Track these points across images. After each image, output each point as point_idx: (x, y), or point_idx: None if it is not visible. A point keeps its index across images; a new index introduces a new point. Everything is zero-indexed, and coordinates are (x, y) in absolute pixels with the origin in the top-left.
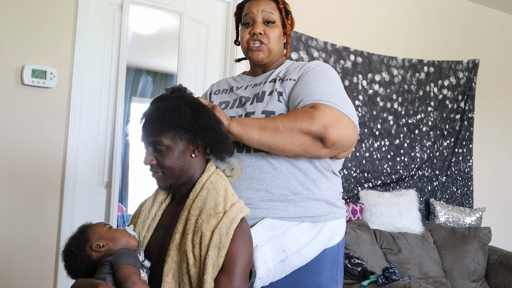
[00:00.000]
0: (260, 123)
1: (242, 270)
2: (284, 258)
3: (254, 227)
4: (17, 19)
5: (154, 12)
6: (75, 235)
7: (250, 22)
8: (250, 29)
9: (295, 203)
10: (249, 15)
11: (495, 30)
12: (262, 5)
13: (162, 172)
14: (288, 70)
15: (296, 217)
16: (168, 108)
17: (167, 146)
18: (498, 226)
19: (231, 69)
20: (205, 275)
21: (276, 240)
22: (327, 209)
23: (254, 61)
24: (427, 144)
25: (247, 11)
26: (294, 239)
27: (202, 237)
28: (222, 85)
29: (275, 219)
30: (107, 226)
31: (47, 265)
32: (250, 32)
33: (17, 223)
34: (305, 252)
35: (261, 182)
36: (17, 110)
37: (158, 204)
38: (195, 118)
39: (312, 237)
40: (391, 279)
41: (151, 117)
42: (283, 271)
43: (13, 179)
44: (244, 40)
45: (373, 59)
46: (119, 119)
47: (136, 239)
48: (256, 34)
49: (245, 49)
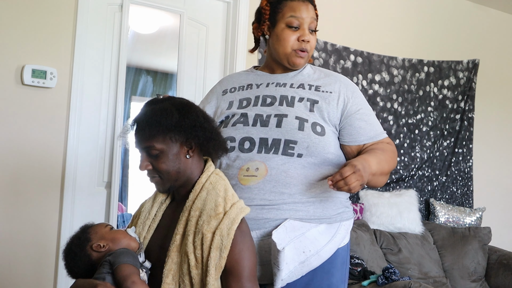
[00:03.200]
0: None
1: (249, 271)
2: (304, 260)
3: (278, 228)
4: (17, 19)
5: (154, 12)
6: (76, 235)
7: (297, 26)
8: (299, 34)
9: (314, 204)
10: (297, 18)
11: (495, 30)
12: (310, 11)
13: (159, 176)
14: (317, 78)
15: (316, 218)
16: (156, 111)
17: (160, 150)
18: (498, 226)
19: (231, 69)
20: (208, 276)
21: (297, 242)
22: (341, 209)
23: (291, 66)
24: (427, 144)
25: (295, 13)
26: (313, 241)
27: (203, 238)
28: (236, 82)
29: (296, 220)
30: (109, 227)
31: (47, 265)
32: (299, 39)
33: (17, 223)
34: (323, 253)
35: (286, 186)
36: (17, 110)
37: (158, 204)
38: (182, 118)
39: (329, 238)
40: (391, 279)
41: (141, 122)
42: (301, 272)
43: (13, 179)
44: (288, 43)
45: (373, 59)
46: (119, 119)
47: (137, 241)
48: (306, 42)
49: (287, 53)
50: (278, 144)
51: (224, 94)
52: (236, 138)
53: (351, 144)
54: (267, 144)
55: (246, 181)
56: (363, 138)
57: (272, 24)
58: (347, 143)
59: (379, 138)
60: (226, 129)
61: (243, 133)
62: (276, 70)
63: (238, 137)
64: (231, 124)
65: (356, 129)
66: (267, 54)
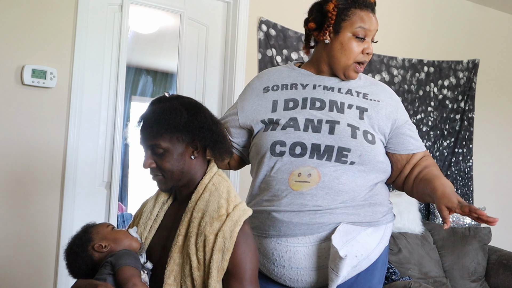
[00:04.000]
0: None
1: (251, 273)
2: (356, 264)
3: (335, 234)
4: (17, 19)
5: (154, 12)
6: (78, 235)
7: (363, 37)
8: (364, 46)
9: (364, 208)
10: (365, 29)
11: (495, 30)
12: (375, 23)
13: (162, 175)
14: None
15: (366, 222)
16: (164, 110)
17: (166, 148)
18: (498, 226)
19: (231, 69)
20: (210, 279)
21: (349, 246)
22: (387, 212)
23: (345, 78)
24: (427, 144)
25: (365, 24)
26: (364, 244)
27: (206, 240)
28: (278, 79)
29: (349, 223)
30: (110, 227)
31: (47, 265)
32: (364, 51)
33: (17, 222)
34: (372, 256)
35: (339, 194)
36: (17, 110)
37: (160, 205)
38: (191, 119)
39: (378, 241)
40: (391, 279)
41: (148, 120)
42: (350, 275)
43: (13, 179)
44: (353, 55)
45: (373, 59)
46: (119, 119)
47: (139, 241)
48: (370, 54)
49: (349, 64)
50: (331, 151)
51: (266, 92)
52: (286, 143)
53: (402, 153)
54: (320, 150)
55: (299, 187)
56: (413, 147)
57: (336, 31)
58: (398, 151)
59: (423, 149)
60: (275, 133)
61: (294, 138)
62: (323, 72)
63: (289, 142)
64: (280, 128)
65: (407, 138)
66: (318, 55)
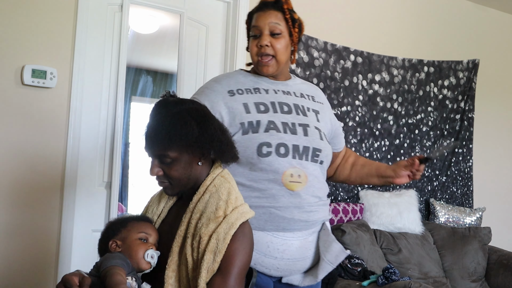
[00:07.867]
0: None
1: (238, 271)
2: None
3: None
4: (17, 19)
5: (154, 12)
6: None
7: (258, 34)
8: (257, 41)
9: (326, 205)
10: (256, 27)
11: (495, 30)
12: (268, 17)
13: (169, 182)
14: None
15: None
16: (174, 122)
17: (174, 158)
18: (498, 226)
19: (231, 69)
20: (199, 279)
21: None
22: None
23: (264, 75)
24: (427, 144)
25: (254, 23)
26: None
27: (200, 241)
28: (240, 84)
29: (326, 221)
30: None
31: (47, 265)
32: (257, 45)
33: (17, 222)
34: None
35: (319, 191)
36: (17, 110)
37: (165, 200)
38: (201, 132)
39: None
40: (391, 279)
41: (157, 130)
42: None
43: (13, 179)
44: (253, 53)
45: (373, 59)
46: (119, 119)
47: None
48: (263, 46)
49: (255, 62)
50: (307, 151)
51: (232, 95)
52: (272, 144)
53: (339, 150)
54: (299, 151)
55: (293, 187)
56: (343, 143)
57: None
58: (337, 150)
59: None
60: (258, 135)
61: (277, 139)
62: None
63: (274, 143)
64: (263, 130)
65: (341, 137)
66: None
